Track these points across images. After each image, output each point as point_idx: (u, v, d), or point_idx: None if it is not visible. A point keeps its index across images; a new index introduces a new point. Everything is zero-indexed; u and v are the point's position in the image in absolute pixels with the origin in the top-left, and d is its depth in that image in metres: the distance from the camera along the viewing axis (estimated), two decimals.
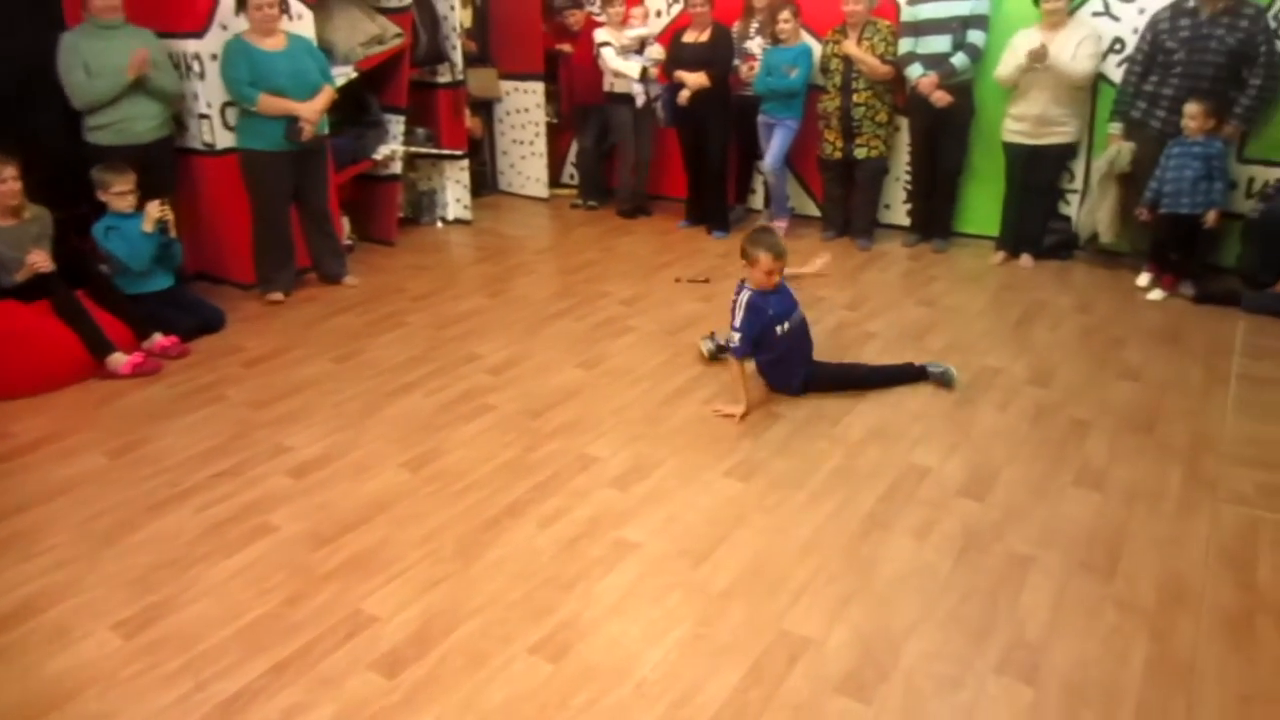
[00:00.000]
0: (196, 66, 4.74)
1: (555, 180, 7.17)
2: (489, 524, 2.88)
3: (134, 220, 4.32)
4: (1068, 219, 5.27)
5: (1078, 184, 5.24)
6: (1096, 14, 4.96)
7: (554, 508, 2.94)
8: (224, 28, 4.68)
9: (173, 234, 4.44)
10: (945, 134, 5.31)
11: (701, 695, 2.16)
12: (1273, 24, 4.40)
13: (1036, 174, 5.07)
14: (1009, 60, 4.90)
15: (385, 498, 3.05)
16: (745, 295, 3.44)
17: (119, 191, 4.29)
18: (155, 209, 4.31)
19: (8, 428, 3.63)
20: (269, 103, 4.54)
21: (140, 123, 4.49)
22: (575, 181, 7.06)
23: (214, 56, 4.66)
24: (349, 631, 2.42)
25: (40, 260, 4.04)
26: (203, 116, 4.82)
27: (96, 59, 4.32)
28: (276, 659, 2.34)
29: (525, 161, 7.07)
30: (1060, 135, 4.95)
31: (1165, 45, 4.52)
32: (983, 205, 5.53)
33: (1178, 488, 2.95)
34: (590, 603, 2.49)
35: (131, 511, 3.03)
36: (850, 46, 5.36)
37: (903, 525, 2.77)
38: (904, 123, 5.64)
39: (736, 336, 3.47)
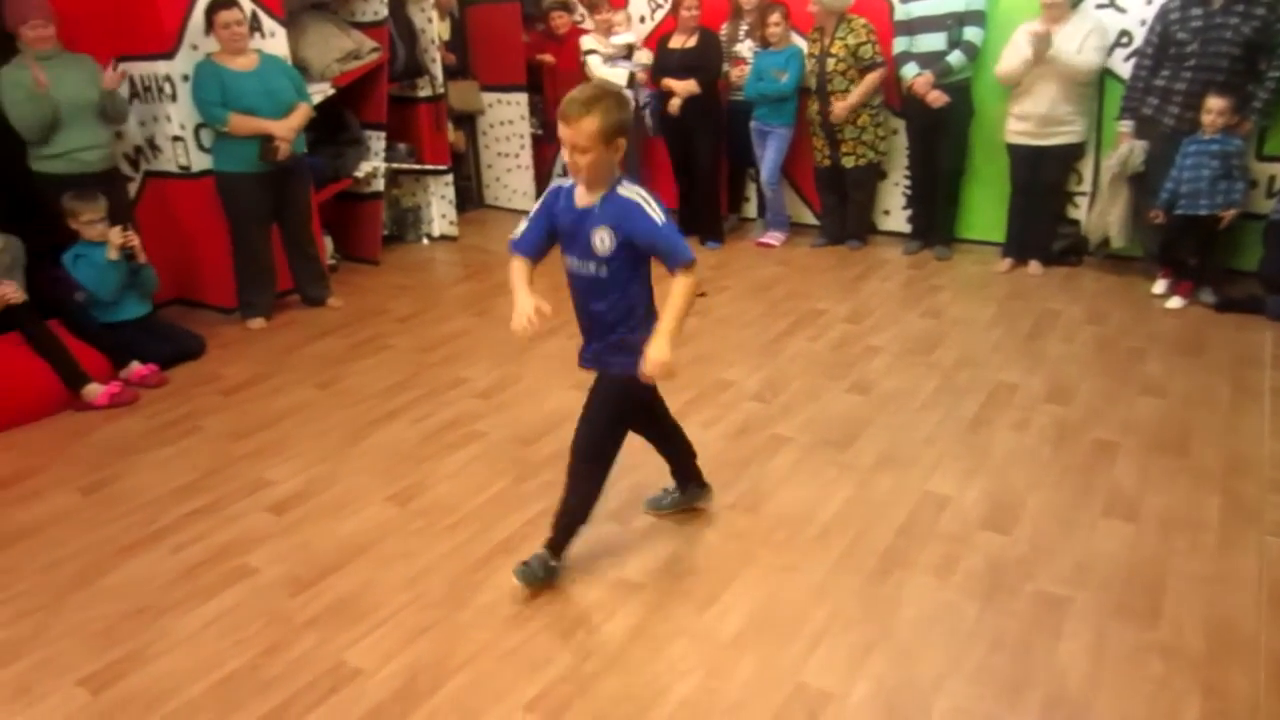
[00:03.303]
0: (167, 88, 4.58)
1: (541, 193, 7.00)
2: (480, 563, 2.70)
3: (101, 248, 4.17)
4: (1076, 223, 5.09)
5: (1086, 185, 5.07)
6: (1101, 6, 4.78)
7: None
8: (194, 48, 4.53)
9: (141, 259, 4.28)
10: (943, 136, 5.16)
11: None
12: None
13: (1042, 176, 4.89)
14: (1011, 55, 4.74)
15: (369, 536, 2.87)
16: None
17: (89, 220, 4.15)
18: (117, 236, 4.16)
19: None
20: (240, 122, 4.39)
21: (91, 152, 4.34)
22: None
23: (185, 77, 4.52)
24: (331, 686, 2.25)
25: (9, 291, 3.89)
26: (176, 139, 4.66)
27: (37, 89, 4.13)
28: (254, 717, 2.16)
29: (511, 175, 6.92)
30: (1066, 135, 4.77)
31: (1176, 37, 4.34)
32: (985, 210, 5.37)
33: (1218, 518, 2.74)
34: (591, 652, 2.31)
35: (102, 554, 2.87)
36: (841, 109, 5.27)
37: (924, 562, 2.58)
38: (901, 125, 5.48)
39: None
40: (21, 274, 4.08)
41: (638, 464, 3.20)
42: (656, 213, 2.26)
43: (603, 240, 2.30)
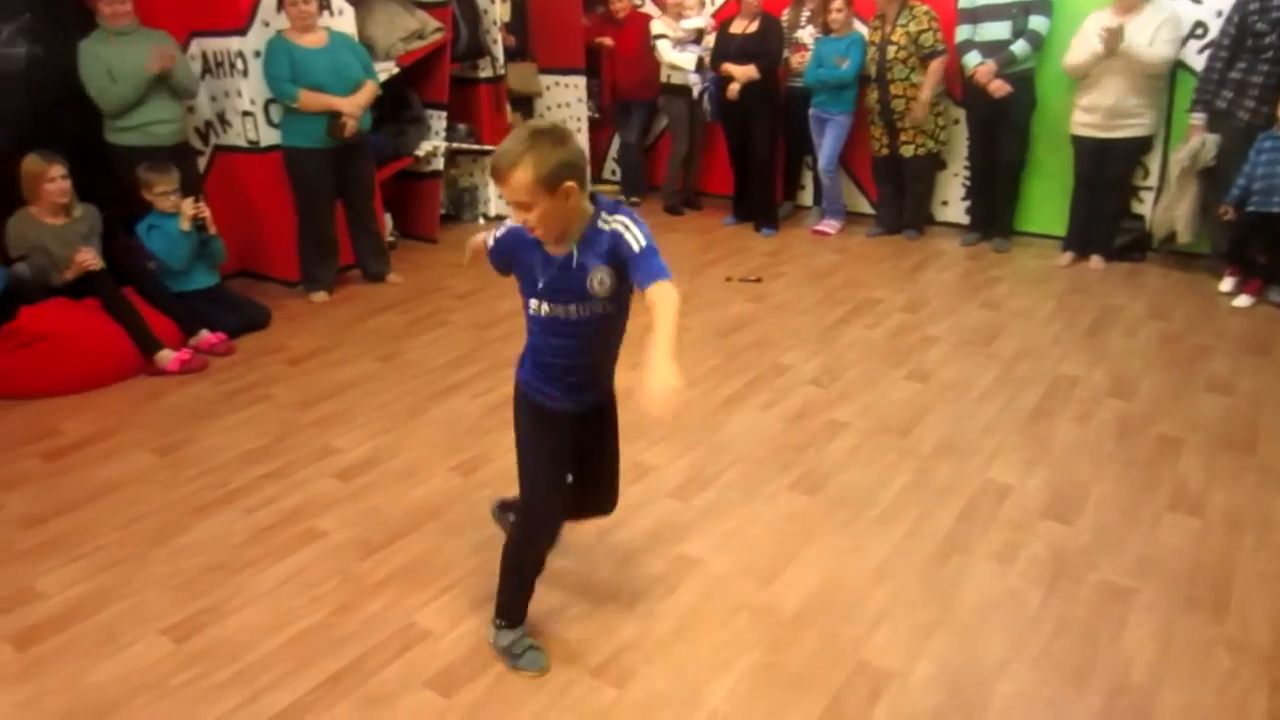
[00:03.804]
0: (239, 64, 4.68)
1: (596, 176, 7.05)
2: None
3: (174, 219, 4.28)
4: (1141, 218, 5.02)
5: (1152, 180, 4.99)
6: None
7: (611, 519, 2.79)
8: (266, 24, 4.64)
9: (211, 231, 4.39)
10: (1005, 126, 5.10)
11: None
12: None
13: (1107, 169, 4.82)
14: (1080, 46, 4.66)
15: (435, 504, 2.95)
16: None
17: (162, 191, 4.26)
18: (189, 207, 4.27)
19: (56, 425, 3.60)
20: (310, 99, 4.48)
21: (163, 125, 4.47)
22: (617, 177, 6.94)
23: (257, 54, 4.61)
24: (403, 645, 2.33)
25: (88, 258, 4.02)
26: (246, 114, 4.76)
27: (117, 64, 4.28)
28: (329, 672, 2.25)
29: None
30: (1134, 128, 4.69)
31: (1255, 28, 4.23)
32: (1046, 202, 5.31)
33: None
34: (653, 623, 2.36)
35: (179, 512, 2.97)
36: (920, 111, 5.23)
37: (985, 549, 2.60)
38: (962, 115, 5.43)
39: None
40: (98, 242, 4.21)
41: (698, 440, 3.25)
42: (637, 236, 1.94)
43: (602, 282, 1.98)
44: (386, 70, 5.20)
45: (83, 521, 2.93)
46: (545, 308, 2.04)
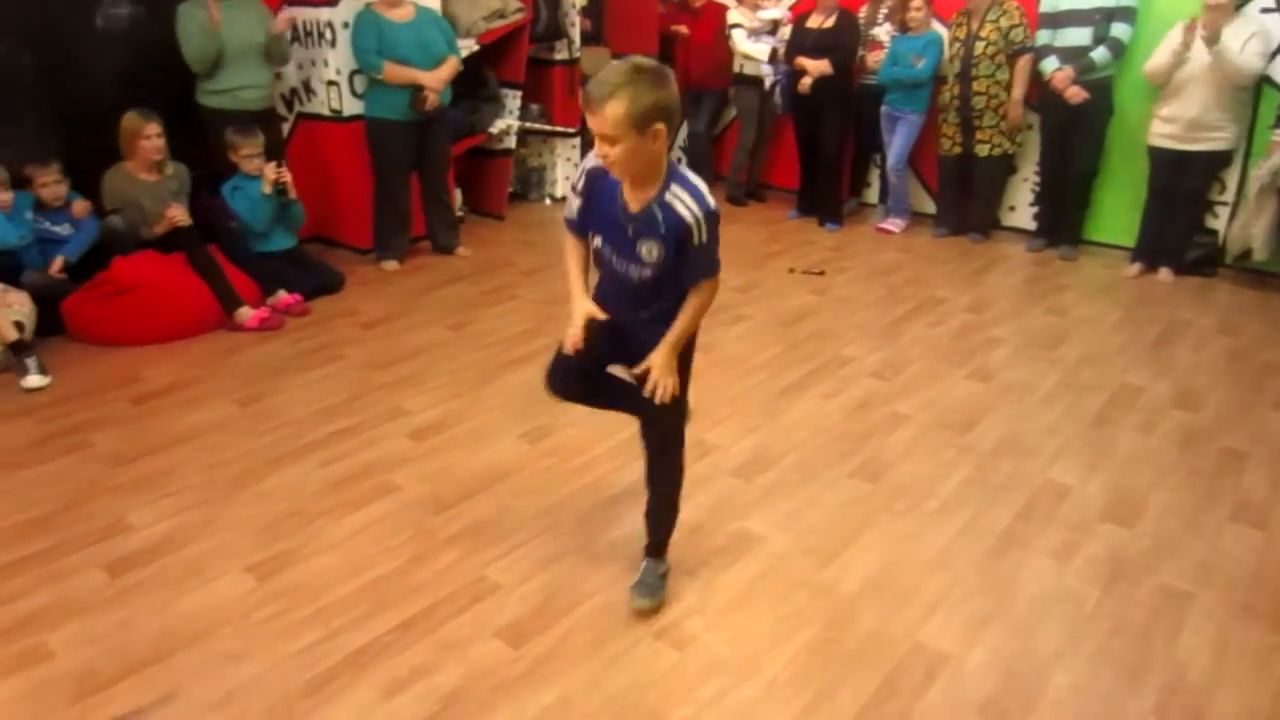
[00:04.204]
0: (328, 34, 4.82)
1: None
2: (609, 503, 2.85)
3: (257, 182, 4.44)
4: (1214, 233, 4.96)
5: (1229, 195, 4.92)
6: (1267, 10, 4.60)
7: None
8: None
9: (292, 195, 4.53)
10: (1080, 134, 5.06)
11: (834, 702, 2.08)
12: None
13: (1184, 182, 4.77)
14: (1163, 52, 4.61)
15: (504, 467, 3.05)
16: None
17: (248, 154, 4.41)
18: (271, 171, 4.41)
19: (142, 372, 3.77)
20: (395, 72, 4.60)
21: (252, 90, 4.61)
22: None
23: (345, 25, 4.74)
24: (474, 596, 2.43)
25: (178, 214, 4.19)
26: (331, 84, 4.90)
27: (211, 24, 4.39)
28: (403, 617, 2.35)
29: None
30: (1215, 141, 4.64)
31: None
32: (1117, 212, 5.26)
33: None
34: (714, 593, 2.44)
35: (258, 461, 3.11)
36: (1014, 112, 5.19)
37: (1043, 546, 2.64)
38: (1036, 119, 5.39)
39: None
40: (187, 200, 4.38)
41: (759, 424, 3.32)
42: (701, 230, 2.01)
43: (650, 251, 2.05)
44: (467, 47, 5.30)
45: (169, 463, 3.09)
46: (602, 248, 2.17)
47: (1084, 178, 5.20)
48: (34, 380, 3.62)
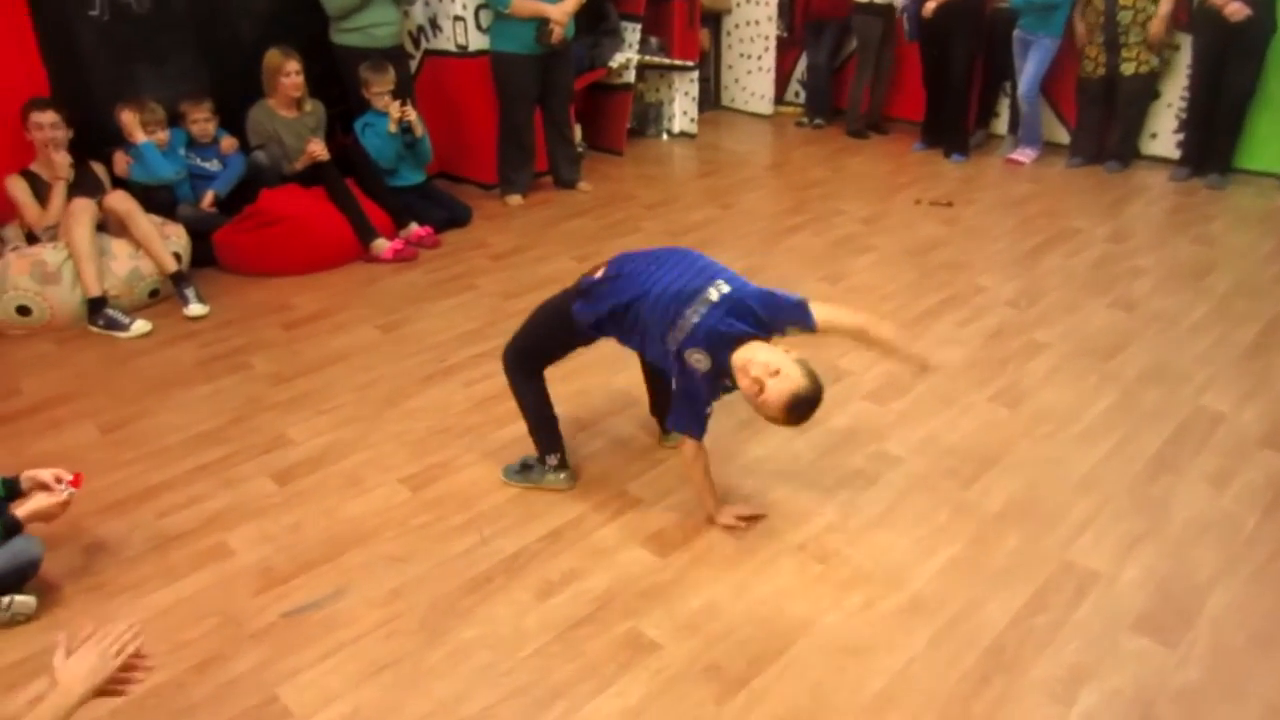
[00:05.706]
0: None
1: (779, 98, 6.98)
2: (742, 425, 2.89)
3: (386, 118, 4.56)
4: None
5: None
6: None
7: None
8: None
9: (419, 133, 4.64)
10: (1237, 53, 4.74)
11: (982, 615, 2.10)
12: None
13: None
14: None
15: (636, 394, 3.09)
16: (703, 362, 2.25)
17: (379, 91, 4.53)
18: (395, 109, 4.52)
19: (290, 300, 3.98)
20: (522, 4, 4.63)
21: (383, 28, 4.71)
22: (800, 99, 6.85)
23: None
24: (618, 510, 2.52)
25: (319, 149, 4.35)
26: (457, 19, 4.97)
27: None
28: (552, 526, 2.47)
29: (750, 77, 6.91)
30: None
31: None
32: (1272, 138, 4.94)
33: None
34: (854, 512, 2.47)
35: (404, 381, 3.26)
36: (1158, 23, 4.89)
37: (1196, 471, 2.56)
38: (1185, 41, 5.06)
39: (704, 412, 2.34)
40: (324, 135, 4.55)
41: None
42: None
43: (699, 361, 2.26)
44: None
45: (322, 382, 3.27)
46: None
47: (1239, 100, 4.87)
48: (195, 309, 3.87)
